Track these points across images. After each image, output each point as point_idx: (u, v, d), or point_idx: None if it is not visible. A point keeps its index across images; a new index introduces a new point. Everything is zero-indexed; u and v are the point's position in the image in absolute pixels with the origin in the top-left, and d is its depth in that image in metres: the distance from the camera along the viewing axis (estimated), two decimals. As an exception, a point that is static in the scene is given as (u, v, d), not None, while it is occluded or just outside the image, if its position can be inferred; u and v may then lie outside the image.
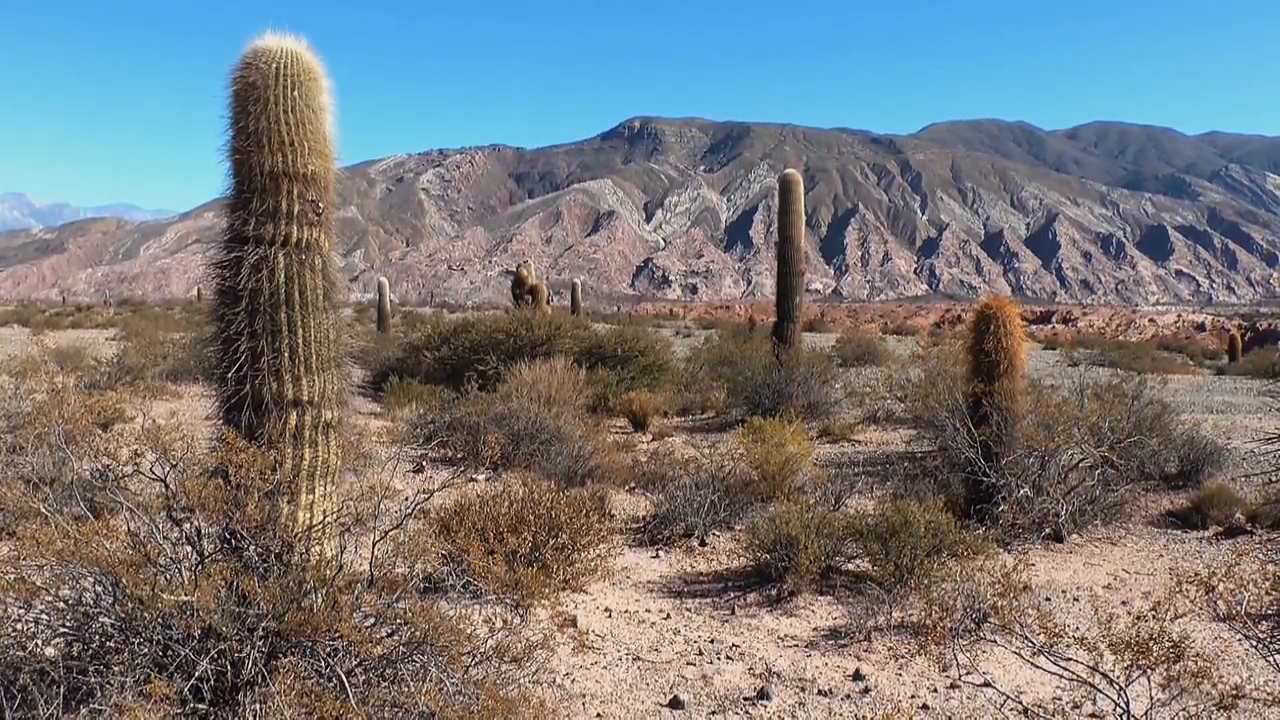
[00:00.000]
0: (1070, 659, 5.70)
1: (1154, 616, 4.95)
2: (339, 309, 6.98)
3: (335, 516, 6.58)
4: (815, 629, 8.99)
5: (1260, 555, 11.02)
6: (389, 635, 5.84)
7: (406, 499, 6.77)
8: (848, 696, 7.41)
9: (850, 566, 10.36)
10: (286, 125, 6.42)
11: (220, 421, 6.63)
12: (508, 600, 7.37)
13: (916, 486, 12.98)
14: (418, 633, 5.67)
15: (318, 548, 6.29)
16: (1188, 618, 7.18)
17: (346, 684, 5.36)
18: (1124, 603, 9.66)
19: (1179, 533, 12.59)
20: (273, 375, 6.41)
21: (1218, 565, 9.86)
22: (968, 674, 7.51)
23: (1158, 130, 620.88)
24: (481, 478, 14.47)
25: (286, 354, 6.46)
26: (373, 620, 5.85)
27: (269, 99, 6.37)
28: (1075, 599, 9.93)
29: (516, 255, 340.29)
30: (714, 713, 7.11)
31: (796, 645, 8.55)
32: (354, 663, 5.62)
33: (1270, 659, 3.41)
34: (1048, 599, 9.90)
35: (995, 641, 8.03)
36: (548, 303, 35.75)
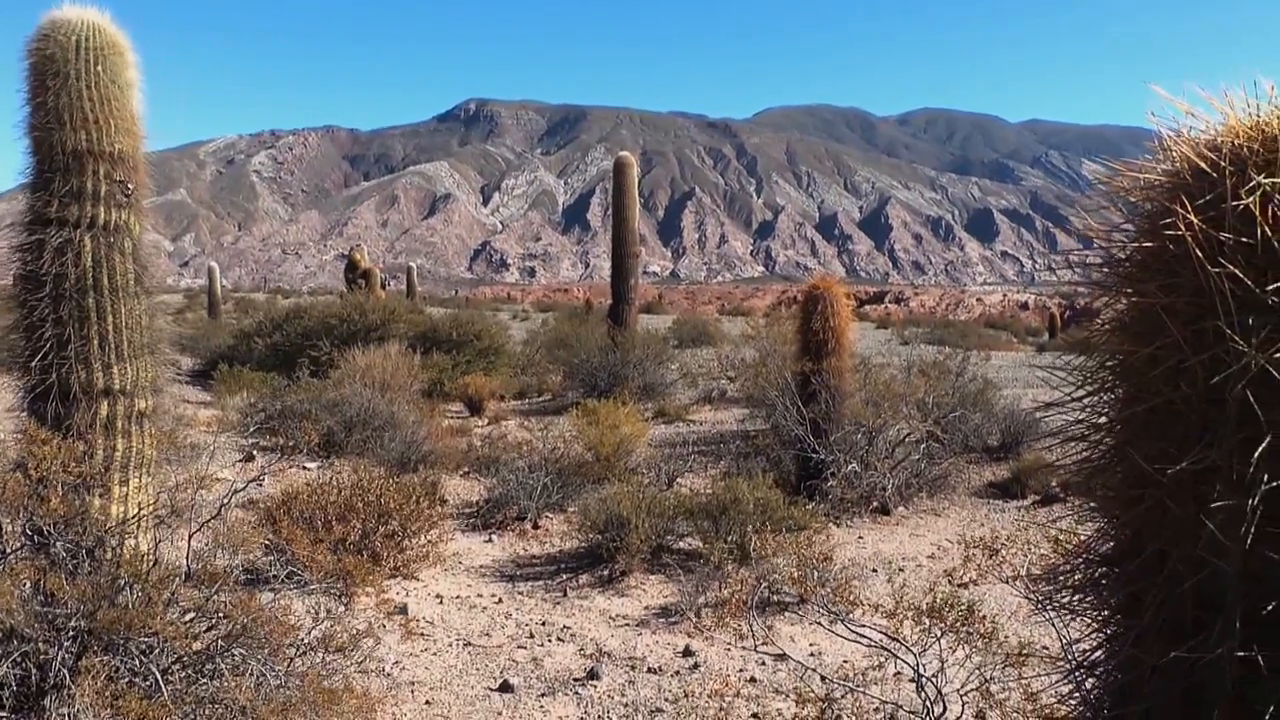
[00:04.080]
0: (868, 625, 5.90)
1: (949, 583, 5.15)
2: (153, 294, 6.73)
3: (151, 508, 6.35)
4: (646, 608, 9.08)
5: (1046, 521, 11.54)
6: (208, 629, 5.68)
7: (234, 488, 6.59)
8: (677, 673, 7.51)
9: (682, 545, 10.48)
10: (90, 102, 6.14)
11: (24, 413, 6.34)
12: (333, 590, 7.24)
13: (748, 464, 13.21)
14: (236, 626, 5.52)
15: (132, 541, 6.07)
16: (1004, 582, 7.49)
17: (161, 682, 5.19)
18: (946, 572, 10.02)
19: (1000, 502, 13.14)
20: (80, 363, 6.15)
21: (1004, 531, 10.28)
22: (764, 644, 7.70)
23: (983, 117, 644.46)
24: (313, 466, 14.17)
25: (95, 341, 6.21)
26: (191, 615, 5.68)
27: (69, 73, 6.08)
28: (900, 569, 10.26)
29: (352, 239, 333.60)
30: (544, 695, 7.12)
31: (628, 625, 8.63)
32: (170, 660, 5.45)
33: (1047, 616, 3.60)
34: (874, 570, 10.21)
35: (819, 615, 8.22)
36: (383, 287, 35.21)
